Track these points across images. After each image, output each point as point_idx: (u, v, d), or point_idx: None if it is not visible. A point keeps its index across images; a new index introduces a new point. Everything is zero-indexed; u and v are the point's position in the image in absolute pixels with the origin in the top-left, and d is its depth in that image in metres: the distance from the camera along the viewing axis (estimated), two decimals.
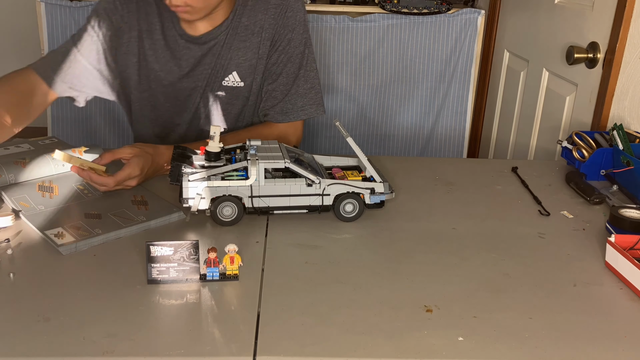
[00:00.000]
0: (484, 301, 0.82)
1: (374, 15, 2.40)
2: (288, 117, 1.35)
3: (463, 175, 1.29)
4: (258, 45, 1.32)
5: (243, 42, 1.32)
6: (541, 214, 1.11)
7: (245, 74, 1.34)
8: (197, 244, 0.82)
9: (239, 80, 1.34)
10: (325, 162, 1.15)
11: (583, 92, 1.65)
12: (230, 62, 1.33)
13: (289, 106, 1.34)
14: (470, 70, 2.48)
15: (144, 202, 1.06)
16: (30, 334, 0.71)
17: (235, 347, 0.70)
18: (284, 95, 1.34)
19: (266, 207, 1.02)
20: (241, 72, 1.34)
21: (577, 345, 0.74)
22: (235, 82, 1.34)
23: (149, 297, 0.80)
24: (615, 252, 0.90)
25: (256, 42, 1.32)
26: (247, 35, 1.32)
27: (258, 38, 1.32)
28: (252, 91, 1.35)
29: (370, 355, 0.70)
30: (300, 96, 1.34)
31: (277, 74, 1.33)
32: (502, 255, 0.95)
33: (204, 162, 1.04)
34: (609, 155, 1.24)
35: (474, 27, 2.42)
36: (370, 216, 1.06)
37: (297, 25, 1.33)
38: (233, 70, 1.33)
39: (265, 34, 1.31)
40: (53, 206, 1.04)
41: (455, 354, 0.71)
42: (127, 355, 0.68)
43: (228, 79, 1.34)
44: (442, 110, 2.54)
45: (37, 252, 0.90)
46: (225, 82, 1.34)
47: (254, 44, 1.32)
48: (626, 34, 1.45)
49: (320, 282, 0.85)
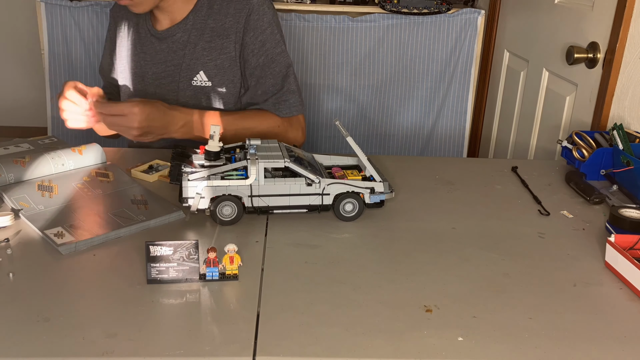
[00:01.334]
0: (484, 301, 0.82)
1: (374, 15, 2.40)
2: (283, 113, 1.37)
3: (463, 175, 1.29)
4: (225, 46, 1.36)
5: (208, 42, 1.36)
6: (541, 214, 1.11)
7: (212, 74, 1.37)
8: (196, 244, 0.82)
9: (206, 80, 1.37)
10: (325, 161, 1.15)
11: (583, 92, 1.65)
12: (197, 62, 1.37)
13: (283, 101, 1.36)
14: (470, 70, 2.47)
15: (143, 201, 1.06)
16: (30, 334, 0.71)
17: (235, 347, 0.70)
18: (274, 92, 1.36)
19: (266, 207, 1.02)
20: (208, 72, 1.37)
21: (577, 345, 0.74)
22: (202, 81, 1.38)
23: (149, 297, 0.80)
24: (615, 252, 0.90)
25: (222, 44, 1.35)
26: (212, 37, 1.36)
27: (225, 40, 1.35)
28: (222, 90, 1.38)
29: (370, 355, 0.70)
30: (291, 93, 1.37)
31: (262, 76, 1.36)
32: (502, 255, 0.95)
33: (204, 161, 1.04)
34: (609, 155, 1.24)
35: (474, 27, 2.42)
36: (370, 216, 1.06)
37: (267, 27, 1.35)
38: (200, 70, 1.37)
39: (233, 37, 1.35)
40: (53, 206, 1.04)
41: (455, 354, 0.71)
42: (127, 355, 0.68)
43: (196, 79, 1.38)
44: (442, 110, 2.54)
45: (37, 252, 0.90)
46: (194, 82, 1.38)
47: (220, 45, 1.36)
48: (626, 34, 1.45)
49: (320, 282, 0.85)
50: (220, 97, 1.39)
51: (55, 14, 2.35)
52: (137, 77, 1.44)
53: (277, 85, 1.36)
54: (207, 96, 1.39)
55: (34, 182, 1.10)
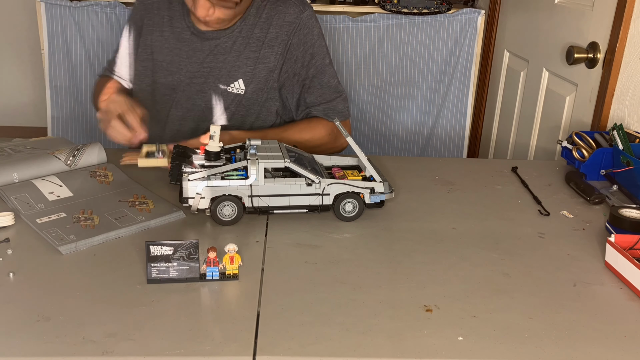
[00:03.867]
0: (484, 301, 0.82)
1: (374, 15, 2.40)
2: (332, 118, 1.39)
3: (463, 175, 1.29)
4: (268, 57, 1.36)
5: (254, 52, 1.36)
6: (541, 214, 1.11)
7: (248, 82, 1.37)
8: (196, 244, 0.82)
9: (243, 88, 1.37)
10: (325, 161, 1.15)
11: (583, 92, 1.65)
12: (239, 70, 1.37)
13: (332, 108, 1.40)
14: (470, 70, 2.48)
15: (144, 201, 1.06)
16: (30, 334, 0.71)
17: (235, 346, 0.70)
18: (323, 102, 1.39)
19: (266, 207, 1.02)
20: (246, 80, 1.37)
21: (577, 345, 0.74)
22: (238, 89, 1.38)
23: (149, 297, 0.80)
24: (615, 252, 0.90)
25: (266, 54, 1.36)
26: (258, 47, 1.36)
27: (269, 51, 1.36)
28: (252, 99, 1.39)
29: (370, 355, 0.70)
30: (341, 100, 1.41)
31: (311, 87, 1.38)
32: (502, 255, 0.95)
33: (204, 161, 1.04)
34: (609, 155, 1.24)
35: (474, 27, 2.42)
36: (370, 216, 1.06)
37: (316, 40, 1.38)
38: (240, 78, 1.37)
39: (278, 49, 1.36)
40: (53, 205, 1.03)
41: (455, 354, 0.71)
42: (127, 355, 0.68)
43: (233, 86, 1.38)
44: (442, 110, 2.54)
45: (37, 251, 0.90)
46: (230, 88, 1.38)
47: (263, 56, 1.36)
48: (626, 34, 1.45)
49: (320, 281, 0.85)
50: (249, 105, 1.40)
51: (55, 14, 2.35)
52: (167, 71, 1.41)
53: (325, 95, 1.39)
54: (240, 103, 1.39)
55: (34, 182, 1.10)
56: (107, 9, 2.35)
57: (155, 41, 1.41)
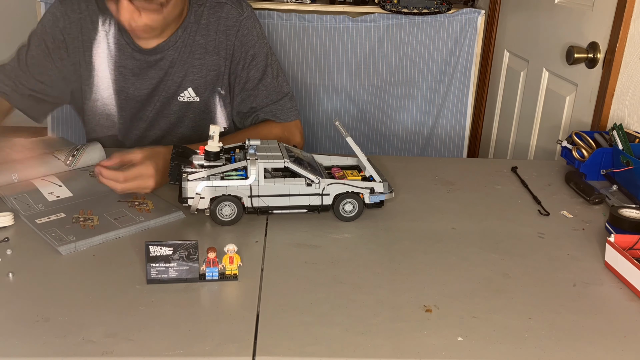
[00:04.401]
0: (484, 301, 0.82)
1: (374, 15, 2.40)
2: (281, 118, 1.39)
3: (463, 175, 1.29)
4: (215, 63, 1.36)
5: (198, 59, 1.35)
6: (541, 214, 1.11)
7: (200, 90, 1.38)
8: (196, 244, 0.82)
9: (194, 96, 1.38)
10: (325, 161, 1.15)
11: (583, 92, 1.65)
12: (186, 79, 1.36)
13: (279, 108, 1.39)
14: (470, 70, 2.47)
15: (143, 202, 1.06)
16: (30, 334, 0.71)
17: (235, 347, 0.70)
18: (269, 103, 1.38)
19: (265, 207, 1.02)
20: (196, 88, 1.37)
21: (576, 345, 0.74)
22: (190, 97, 1.38)
23: (148, 297, 0.80)
24: (614, 252, 0.90)
25: (212, 60, 1.36)
26: (202, 54, 1.35)
27: (215, 57, 1.36)
28: (209, 105, 1.40)
29: (370, 355, 0.70)
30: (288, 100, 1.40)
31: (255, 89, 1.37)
32: (502, 255, 0.95)
33: (204, 161, 1.04)
34: (609, 155, 1.24)
35: (474, 27, 2.41)
36: (370, 216, 1.06)
37: (257, 41, 1.37)
38: (189, 87, 1.37)
39: (223, 53, 1.35)
40: (53, 206, 1.03)
41: (455, 354, 0.71)
42: (127, 355, 0.68)
43: (183, 95, 1.38)
44: (442, 110, 2.54)
45: (36, 252, 0.90)
46: (181, 98, 1.38)
47: (209, 62, 1.36)
48: (626, 34, 1.45)
49: (320, 282, 0.85)
50: (207, 111, 1.40)
51: None
52: (116, 89, 1.37)
53: (271, 96, 1.38)
54: (193, 110, 1.40)
55: (34, 182, 1.10)
56: None
57: (95, 57, 1.34)
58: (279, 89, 1.39)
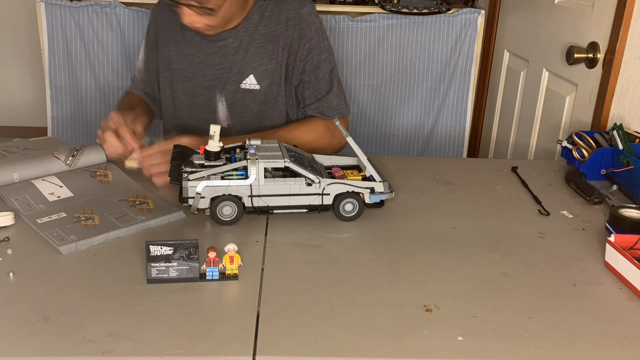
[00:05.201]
0: (484, 301, 0.82)
1: (374, 15, 2.40)
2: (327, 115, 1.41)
3: (463, 175, 1.29)
4: (274, 52, 1.41)
5: (260, 48, 1.41)
6: (541, 214, 1.11)
7: (261, 77, 1.42)
8: (196, 244, 0.82)
9: (255, 83, 1.43)
10: (325, 161, 1.15)
11: (583, 92, 1.65)
12: (248, 66, 1.42)
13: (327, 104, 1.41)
14: (470, 70, 2.47)
15: (144, 201, 1.06)
16: (30, 333, 0.71)
17: (235, 346, 0.70)
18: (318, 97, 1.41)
19: (266, 207, 1.02)
20: (257, 76, 1.42)
21: (576, 345, 0.74)
22: (252, 84, 1.43)
23: (148, 296, 0.80)
24: (615, 252, 0.90)
25: (272, 49, 1.41)
26: (263, 43, 1.41)
27: (274, 46, 1.41)
28: (269, 94, 1.43)
29: (370, 355, 0.70)
30: (335, 96, 1.42)
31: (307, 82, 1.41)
32: (502, 255, 0.95)
33: (204, 161, 1.04)
34: (609, 155, 1.24)
35: (474, 27, 2.42)
36: (370, 216, 1.06)
37: (314, 35, 1.42)
38: (250, 74, 1.42)
39: (282, 43, 1.41)
40: (53, 206, 1.04)
41: (455, 354, 0.71)
42: (127, 355, 0.69)
43: (245, 82, 1.43)
44: (442, 110, 2.54)
45: (37, 251, 0.90)
46: (244, 85, 1.43)
47: (269, 51, 1.41)
48: (626, 34, 1.45)
49: (320, 281, 0.85)
50: (266, 101, 1.44)
51: (55, 14, 2.35)
52: (184, 78, 1.46)
53: (320, 90, 1.41)
54: (254, 99, 1.44)
55: (34, 183, 1.10)
56: (107, 9, 2.35)
57: (172, 52, 1.47)
58: (328, 85, 1.42)
